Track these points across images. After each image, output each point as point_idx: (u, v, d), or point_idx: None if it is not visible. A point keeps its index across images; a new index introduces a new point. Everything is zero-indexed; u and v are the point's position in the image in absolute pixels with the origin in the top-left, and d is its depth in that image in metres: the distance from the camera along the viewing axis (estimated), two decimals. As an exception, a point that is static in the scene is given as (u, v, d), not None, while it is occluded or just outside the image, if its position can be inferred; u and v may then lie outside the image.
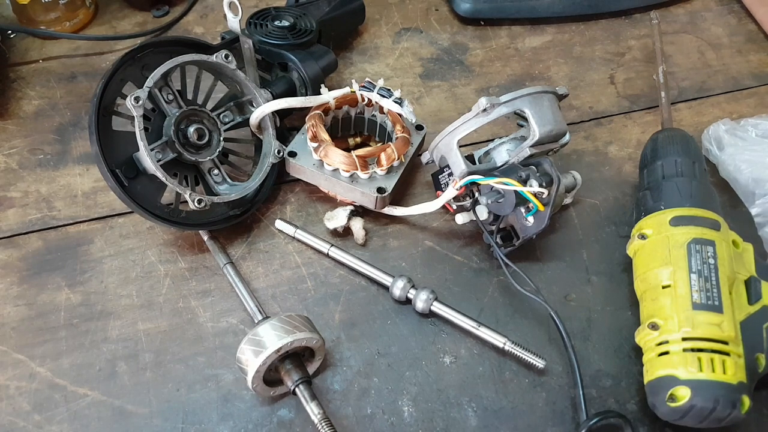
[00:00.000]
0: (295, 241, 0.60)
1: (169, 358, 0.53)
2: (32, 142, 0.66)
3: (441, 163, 0.59)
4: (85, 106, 0.70)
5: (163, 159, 0.54)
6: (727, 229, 0.53)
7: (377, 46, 0.78)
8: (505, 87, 0.74)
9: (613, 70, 0.77)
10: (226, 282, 0.57)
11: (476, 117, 0.55)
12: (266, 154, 0.60)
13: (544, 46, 0.79)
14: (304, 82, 0.64)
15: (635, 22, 0.83)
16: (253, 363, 0.46)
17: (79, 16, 0.77)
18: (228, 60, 0.57)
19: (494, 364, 0.53)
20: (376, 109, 0.64)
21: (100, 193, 0.63)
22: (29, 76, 0.73)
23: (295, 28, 0.66)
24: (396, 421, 0.50)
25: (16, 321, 0.55)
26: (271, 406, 0.51)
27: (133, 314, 0.55)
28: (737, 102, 0.75)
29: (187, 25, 0.79)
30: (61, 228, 0.60)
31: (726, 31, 0.82)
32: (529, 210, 0.52)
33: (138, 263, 0.58)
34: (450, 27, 0.81)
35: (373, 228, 0.61)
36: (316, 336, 0.49)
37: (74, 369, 0.52)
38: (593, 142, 0.70)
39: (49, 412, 0.50)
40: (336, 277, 0.58)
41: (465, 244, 0.61)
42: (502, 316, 0.56)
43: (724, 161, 0.63)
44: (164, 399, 0.51)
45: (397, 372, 0.53)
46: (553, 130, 0.55)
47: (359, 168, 0.57)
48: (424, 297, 0.54)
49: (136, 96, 0.51)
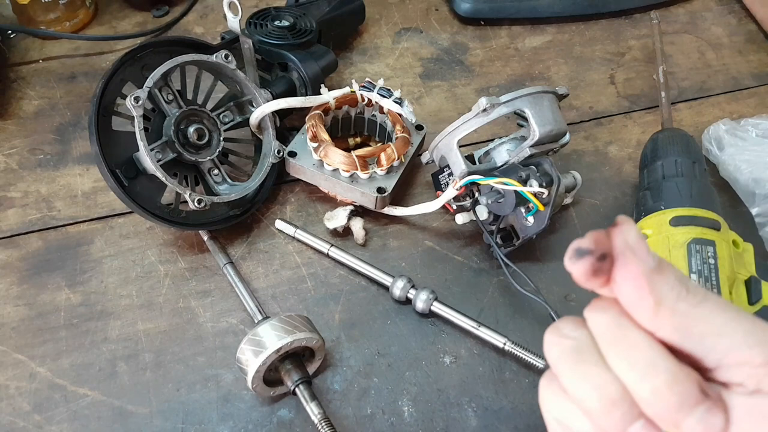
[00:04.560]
0: (295, 241, 0.60)
1: (169, 358, 0.53)
2: (32, 142, 0.66)
3: (441, 163, 0.59)
4: (85, 106, 0.70)
5: (163, 159, 0.54)
6: (727, 229, 0.53)
7: (377, 46, 0.78)
8: (505, 87, 0.74)
9: (613, 70, 0.77)
10: (226, 282, 0.57)
11: (476, 117, 0.55)
12: (266, 154, 0.60)
13: (544, 46, 0.79)
14: (304, 82, 0.64)
15: (635, 22, 0.83)
16: (253, 363, 0.46)
17: (79, 16, 0.77)
18: (228, 60, 0.57)
19: (494, 364, 0.53)
20: (376, 109, 0.64)
21: (100, 193, 0.63)
22: (29, 76, 0.73)
23: (295, 28, 0.66)
24: (396, 421, 0.50)
25: (16, 321, 0.55)
26: (271, 406, 0.51)
27: (133, 314, 0.55)
28: (737, 102, 0.75)
29: (187, 25, 0.79)
30: (61, 228, 0.60)
31: (726, 31, 0.82)
32: (529, 210, 0.52)
33: (138, 263, 0.58)
34: (450, 27, 0.81)
35: (373, 228, 0.61)
36: (316, 336, 0.49)
37: (74, 369, 0.52)
38: (593, 142, 0.70)
39: (49, 412, 0.50)
40: (336, 277, 0.58)
41: (465, 244, 0.61)
42: (502, 316, 0.56)
43: (724, 161, 0.63)
44: (164, 399, 0.51)
45: (397, 372, 0.53)
46: (553, 130, 0.55)
47: (359, 168, 0.57)
48: (424, 297, 0.54)
49: (136, 96, 0.51)
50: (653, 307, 0.25)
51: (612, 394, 0.26)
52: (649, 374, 0.25)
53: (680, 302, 0.25)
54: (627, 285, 0.25)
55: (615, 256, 0.25)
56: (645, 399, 0.25)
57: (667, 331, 0.26)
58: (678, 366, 0.25)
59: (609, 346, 0.27)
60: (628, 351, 0.26)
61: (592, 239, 0.25)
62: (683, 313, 0.25)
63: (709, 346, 0.25)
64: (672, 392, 0.25)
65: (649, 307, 0.25)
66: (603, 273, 0.25)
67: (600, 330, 0.27)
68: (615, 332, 0.26)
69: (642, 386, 0.25)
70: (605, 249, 0.25)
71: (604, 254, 0.25)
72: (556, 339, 0.28)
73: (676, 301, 0.25)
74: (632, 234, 0.25)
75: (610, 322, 0.27)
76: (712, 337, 0.25)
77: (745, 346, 0.25)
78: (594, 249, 0.25)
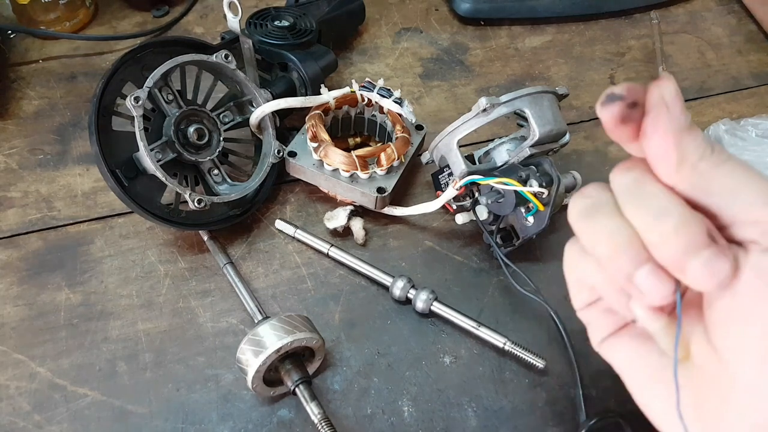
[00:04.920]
0: (295, 241, 0.60)
1: (169, 358, 0.53)
2: (32, 142, 0.66)
3: (441, 163, 0.59)
4: (85, 106, 0.70)
5: (163, 159, 0.54)
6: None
7: (377, 46, 0.78)
8: (505, 87, 0.74)
9: (613, 70, 0.77)
10: (226, 282, 0.57)
11: (476, 117, 0.55)
12: (266, 154, 0.60)
13: (544, 46, 0.79)
14: (304, 82, 0.64)
15: (635, 22, 0.83)
16: (253, 363, 0.46)
17: (79, 16, 0.77)
18: (228, 60, 0.57)
19: (494, 364, 0.53)
20: (376, 109, 0.64)
21: (100, 193, 0.63)
22: (29, 76, 0.73)
23: (295, 28, 0.66)
24: (396, 421, 0.50)
25: (16, 321, 0.55)
26: (271, 406, 0.51)
27: (133, 314, 0.55)
28: (737, 102, 0.75)
29: (187, 25, 0.79)
30: (61, 228, 0.60)
31: (726, 31, 0.82)
32: (529, 210, 0.52)
33: (138, 263, 0.58)
34: (450, 27, 0.81)
35: (373, 228, 0.61)
36: (316, 336, 0.49)
37: (74, 369, 0.52)
38: (593, 142, 0.70)
39: (49, 412, 0.50)
40: (336, 277, 0.58)
41: (465, 244, 0.61)
42: (502, 316, 0.56)
43: (724, 161, 0.63)
44: (164, 399, 0.51)
45: (397, 372, 0.53)
46: (553, 130, 0.55)
47: (359, 168, 0.57)
48: (424, 297, 0.54)
49: (136, 96, 0.51)
50: (676, 163, 0.26)
51: (620, 239, 0.27)
52: (660, 218, 0.26)
53: (703, 161, 0.26)
54: (655, 138, 0.26)
55: (648, 108, 0.26)
56: (654, 242, 0.26)
57: (686, 186, 0.27)
58: (689, 212, 0.26)
59: (626, 198, 0.28)
60: (642, 199, 0.27)
61: (626, 87, 0.26)
62: (703, 171, 0.26)
63: (725, 203, 0.26)
64: (679, 234, 0.26)
65: (672, 162, 0.26)
66: (632, 121, 0.26)
67: (621, 187, 0.28)
68: (634, 186, 0.28)
69: (652, 229, 0.26)
70: (637, 98, 0.26)
71: (635, 102, 0.26)
72: (578, 199, 0.30)
73: (699, 160, 0.26)
74: (669, 90, 0.26)
75: (631, 179, 0.28)
76: (729, 195, 0.26)
77: (760, 204, 0.26)
78: (626, 96, 0.26)
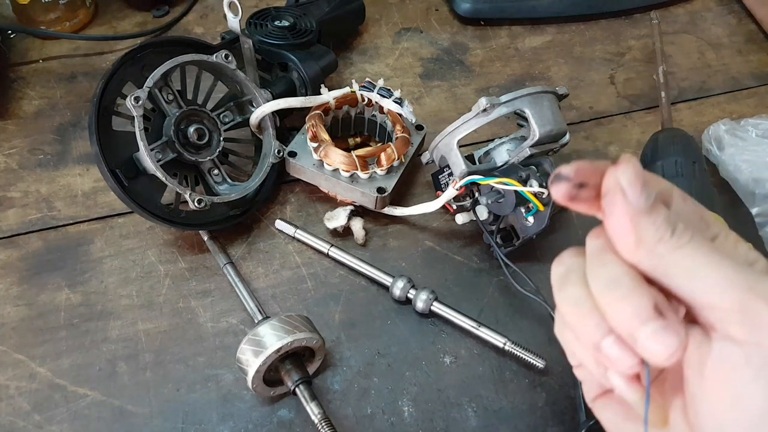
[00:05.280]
0: (295, 241, 0.60)
1: (169, 358, 0.53)
2: (32, 142, 0.67)
3: (441, 163, 0.59)
4: (85, 106, 0.70)
5: (163, 159, 0.54)
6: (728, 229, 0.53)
7: (377, 46, 0.78)
8: (505, 87, 0.74)
9: (613, 70, 0.77)
10: (226, 282, 0.57)
11: (476, 117, 0.55)
12: (266, 154, 0.60)
13: (544, 46, 0.79)
14: (304, 82, 0.64)
15: (635, 22, 0.83)
16: (253, 363, 0.46)
17: (79, 16, 0.77)
18: (228, 60, 0.57)
19: (494, 364, 0.53)
20: (376, 109, 0.64)
21: (100, 193, 0.63)
22: (29, 76, 0.73)
23: (295, 28, 0.66)
24: (396, 421, 0.50)
25: (16, 321, 0.55)
26: (271, 406, 0.51)
27: (133, 314, 0.55)
28: (737, 102, 0.75)
29: (187, 25, 0.79)
30: (61, 228, 0.60)
31: (726, 31, 0.82)
32: (529, 210, 0.52)
33: (138, 263, 0.58)
34: (450, 27, 0.81)
35: (373, 228, 0.61)
36: (316, 336, 0.49)
37: (74, 369, 0.52)
38: (593, 142, 0.70)
39: (49, 412, 0.50)
40: (336, 277, 0.58)
41: (465, 244, 0.61)
42: (502, 316, 0.56)
43: (724, 161, 0.63)
44: (164, 399, 0.51)
45: (397, 372, 0.53)
46: (553, 130, 0.55)
47: (359, 168, 0.57)
48: (424, 297, 0.54)
49: (136, 96, 0.51)
50: (633, 244, 0.27)
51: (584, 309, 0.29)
52: (609, 286, 0.28)
53: (661, 244, 0.27)
54: (612, 220, 0.28)
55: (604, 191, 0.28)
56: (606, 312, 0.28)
57: (646, 266, 0.28)
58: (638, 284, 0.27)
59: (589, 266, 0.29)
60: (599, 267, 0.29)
61: (574, 168, 0.27)
62: (660, 255, 0.27)
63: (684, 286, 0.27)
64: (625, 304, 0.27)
65: (630, 243, 0.27)
66: (581, 200, 0.28)
67: (588, 255, 0.30)
68: (596, 254, 0.29)
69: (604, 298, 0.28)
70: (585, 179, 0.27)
71: (582, 183, 0.27)
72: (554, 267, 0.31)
73: (657, 242, 0.27)
74: (626, 175, 0.27)
75: (596, 246, 0.29)
76: (686, 279, 0.27)
77: (716, 290, 0.26)
78: (572, 178, 0.27)
